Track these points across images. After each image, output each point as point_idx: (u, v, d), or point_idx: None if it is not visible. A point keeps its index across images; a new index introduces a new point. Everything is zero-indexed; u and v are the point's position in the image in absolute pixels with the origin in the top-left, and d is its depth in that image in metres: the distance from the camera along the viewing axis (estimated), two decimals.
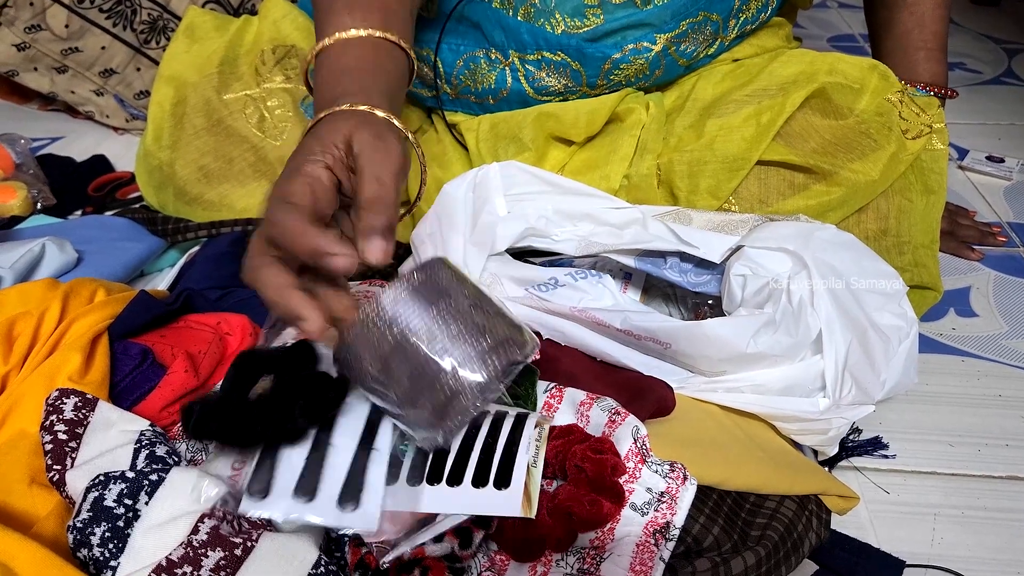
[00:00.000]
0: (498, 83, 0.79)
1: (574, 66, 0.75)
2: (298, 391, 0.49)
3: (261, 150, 0.85)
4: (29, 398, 0.56)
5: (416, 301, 0.48)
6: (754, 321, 0.60)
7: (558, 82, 0.77)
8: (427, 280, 0.48)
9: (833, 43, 1.63)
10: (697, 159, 0.73)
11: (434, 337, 0.47)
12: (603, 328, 0.65)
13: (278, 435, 0.48)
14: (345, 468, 0.49)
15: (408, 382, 0.47)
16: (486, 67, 0.78)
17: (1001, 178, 1.14)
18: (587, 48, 0.75)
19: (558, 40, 0.75)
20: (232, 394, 0.49)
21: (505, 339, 0.49)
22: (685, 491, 0.52)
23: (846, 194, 0.72)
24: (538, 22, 0.76)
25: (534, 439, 0.53)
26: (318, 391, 0.49)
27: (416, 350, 0.47)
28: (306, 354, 0.52)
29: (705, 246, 0.65)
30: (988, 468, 0.68)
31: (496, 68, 0.78)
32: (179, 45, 0.89)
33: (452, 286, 0.49)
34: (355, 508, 0.47)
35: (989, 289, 0.91)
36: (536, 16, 0.76)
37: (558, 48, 0.75)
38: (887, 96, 0.74)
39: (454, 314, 0.48)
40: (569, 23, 0.75)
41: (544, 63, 0.76)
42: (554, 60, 0.76)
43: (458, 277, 0.50)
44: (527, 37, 0.76)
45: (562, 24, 0.76)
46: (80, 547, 0.45)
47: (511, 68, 0.77)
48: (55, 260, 0.75)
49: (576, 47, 0.75)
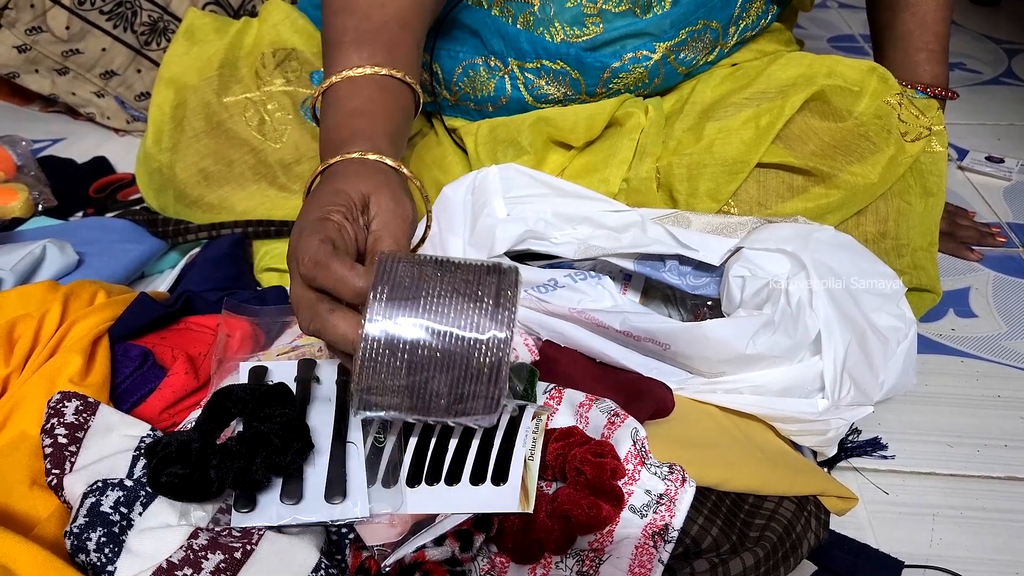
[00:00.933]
0: (497, 91, 0.79)
1: (573, 75, 0.75)
2: (263, 441, 0.48)
3: (261, 153, 0.85)
4: (30, 400, 0.56)
5: (399, 312, 0.44)
6: (753, 322, 0.61)
7: (557, 90, 0.78)
8: (394, 289, 0.45)
9: (833, 43, 1.63)
10: (696, 162, 0.73)
11: (441, 336, 0.44)
12: (602, 329, 0.65)
13: (237, 484, 0.47)
14: (324, 465, 0.50)
15: (447, 388, 0.45)
16: (485, 75, 0.79)
17: (1000, 178, 1.14)
18: (586, 57, 0.75)
19: (557, 49, 0.75)
20: (198, 438, 0.48)
21: (495, 284, 0.46)
22: (684, 493, 0.52)
23: (845, 197, 0.72)
24: (537, 31, 0.76)
25: (531, 431, 0.53)
26: (283, 442, 0.48)
27: (433, 358, 0.44)
28: (282, 396, 0.52)
29: (704, 249, 0.65)
30: (987, 469, 0.68)
31: (495, 76, 0.78)
32: (179, 47, 0.89)
33: (419, 276, 0.46)
34: (343, 499, 0.48)
35: (988, 290, 0.91)
36: (535, 25, 0.76)
37: (557, 57, 0.75)
38: (886, 99, 0.75)
39: (440, 300, 0.45)
40: (568, 32, 0.75)
41: (543, 71, 0.76)
42: (553, 68, 0.76)
43: (414, 264, 0.47)
44: (526, 46, 0.76)
45: (561, 33, 0.76)
46: (78, 552, 0.45)
47: (510, 76, 0.77)
48: (56, 262, 0.75)
49: (575, 56, 0.75)
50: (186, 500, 0.47)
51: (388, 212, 0.52)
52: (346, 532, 0.50)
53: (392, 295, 0.45)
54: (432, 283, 0.45)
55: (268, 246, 0.83)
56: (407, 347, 0.44)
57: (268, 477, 0.48)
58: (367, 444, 0.53)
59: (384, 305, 0.44)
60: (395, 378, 0.45)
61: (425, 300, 0.45)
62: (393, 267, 0.46)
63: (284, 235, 0.83)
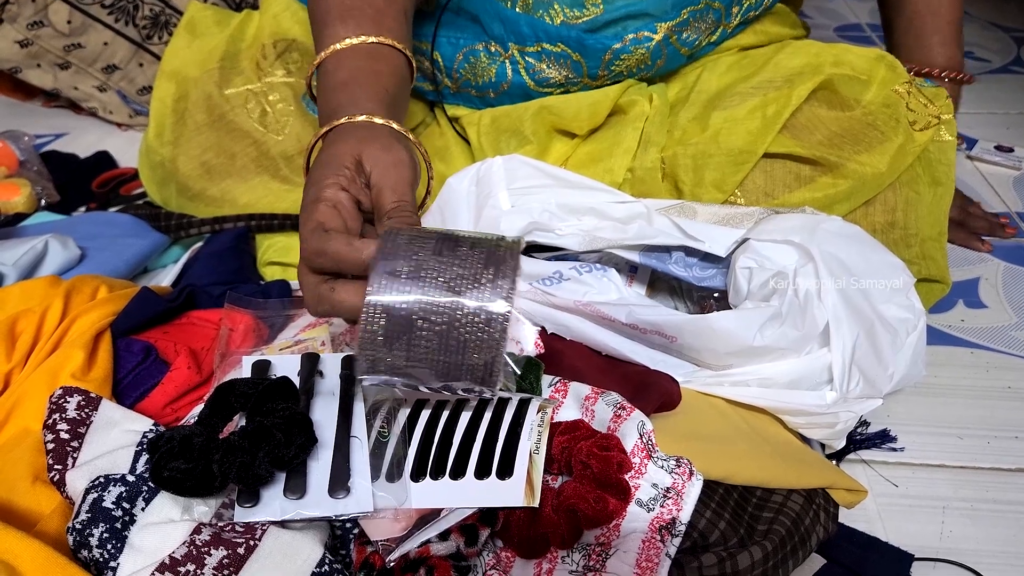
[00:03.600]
0: (499, 76, 0.78)
1: (575, 57, 0.74)
2: (266, 435, 0.47)
3: (263, 144, 0.84)
4: (32, 395, 0.56)
5: (399, 282, 0.45)
6: (760, 314, 0.60)
7: (559, 74, 0.77)
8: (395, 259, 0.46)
9: (840, 32, 1.62)
10: (702, 152, 0.72)
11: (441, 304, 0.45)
12: (608, 322, 0.64)
13: (240, 479, 0.47)
14: (328, 459, 0.50)
15: (446, 355, 0.46)
16: (486, 60, 0.78)
17: (1010, 168, 1.13)
18: (587, 39, 0.74)
19: (557, 31, 0.74)
20: (200, 433, 0.48)
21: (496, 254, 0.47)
22: (691, 487, 0.51)
23: (853, 187, 0.71)
24: (537, 13, 0.75)
25: (536, 424, 0.53)
26: (286, 436, 0.48)
27: (434, 329, 0.45)
28: (285, 390, 0.52)
29: (710, 240, 0.64)
30: (997, 460, 0.67)
31: (496, 61, 0.77)
32: (180, 41, 0.89)
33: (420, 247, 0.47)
34: (347, 494, 0.48)
35: (998, 280, 0.90)
36: (535, 7, 0.75)
37: (558, 39, 0.74)
38: (894, 87, 0.74)
39: (440, 269, 0.46)
40: (568, 13, 0.74)
41: (544, 55, 0.76)
42: (554, 52, 0.75)
43: (416, 235, 0.48)
44: (526, 29, 0.75)
45: (561, 15, 0.75)
46: (80, 548, 0.45)
47: (511, 61, 0.77)
48: (58, 257, 0.75)
49: (576, 38, 0.74)
50: (189, 495, 0.46)
51: (381, 163, 0.52)
52: (351, 527, 0.50)
53: (393, 267, 0.46)
54: (432, 252, 0.46)
55: (271, 240, 0.83)
56: (408, 313, 0.46)
57: (271, 472, 0.47)
58: (371, 438, 0.52)
59: (384, 276, 0.46)
60: (397, 343, 0.46)
61: (425, 269, 0.46)
62: (394, 238, 0.47)
63: (287, 229, 0.83)
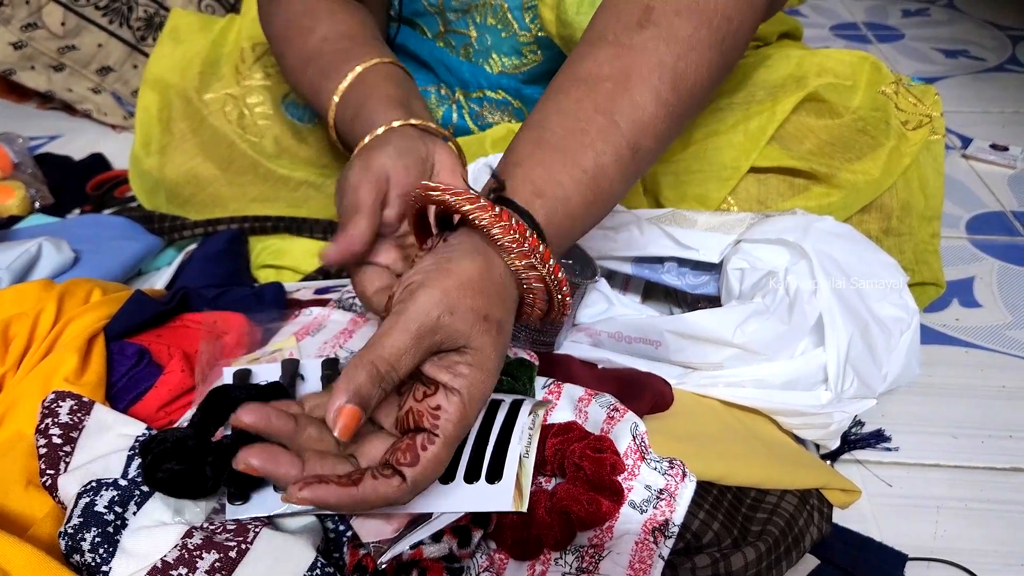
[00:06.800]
0: (445, 119, 0.80)
1: (515, 104, 0.75)
2: (256, 438, 0.47)
3: (242, 147, 0.84)
4: (26, 399, 0.56)
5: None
6: (741, 311, 0.60)
7: (501, 119, 0.77)
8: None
9: (836, 32, 1.62)
10: (684, 168, 0.71)
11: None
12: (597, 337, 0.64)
13: (232, 481, 0.47)
14: None
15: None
16: (435, 102, 0.80)
17: (1005, 166, 1.13)
18: (524, 89, 0.75)
19: (497, 80, 0.75)
20: (193, 435, 0.48)
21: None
22: (684, 488, 0.51)
23: (847, 196, 0.71)
24: (477, 62, 0.76)
25: (527, 427, 0.52)
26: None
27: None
28: (276, 394, 0.51)
29: (703, 247, 0.64)
30: (991, 460, 0.67)
31: (444, 104, 0.79)
32: (164, 48, 0.89)
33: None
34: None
35: (993, 279, 0.90)
36: (475, 56, 0.76)
37: (498, 87, 0.75)
38: (881, 88, 0.73)
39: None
40: (507, 62, 0.75)
41: (487, 101, 0.77)
42: (495, 99, 0.76)
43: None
44: (468, 76, 0.76)
45: (499, 64, 0.75)
46: (72, 553, 0.45)
47: (456, 105, 0.78)
48: (52, 260, 0.75)
49: (515, 88, 0.75)
50: (181, 496, 0.46)
51: (397, 171, 0.54)
52: (344, 530, 0.49)
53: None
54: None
55: (264, 242, 0.83)
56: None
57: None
58: None
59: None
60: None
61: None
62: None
63: (280, 231, 0.83)
